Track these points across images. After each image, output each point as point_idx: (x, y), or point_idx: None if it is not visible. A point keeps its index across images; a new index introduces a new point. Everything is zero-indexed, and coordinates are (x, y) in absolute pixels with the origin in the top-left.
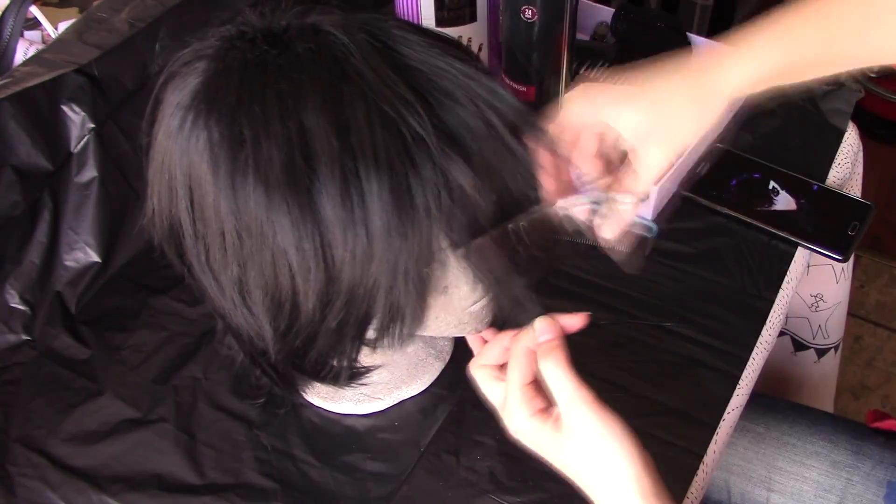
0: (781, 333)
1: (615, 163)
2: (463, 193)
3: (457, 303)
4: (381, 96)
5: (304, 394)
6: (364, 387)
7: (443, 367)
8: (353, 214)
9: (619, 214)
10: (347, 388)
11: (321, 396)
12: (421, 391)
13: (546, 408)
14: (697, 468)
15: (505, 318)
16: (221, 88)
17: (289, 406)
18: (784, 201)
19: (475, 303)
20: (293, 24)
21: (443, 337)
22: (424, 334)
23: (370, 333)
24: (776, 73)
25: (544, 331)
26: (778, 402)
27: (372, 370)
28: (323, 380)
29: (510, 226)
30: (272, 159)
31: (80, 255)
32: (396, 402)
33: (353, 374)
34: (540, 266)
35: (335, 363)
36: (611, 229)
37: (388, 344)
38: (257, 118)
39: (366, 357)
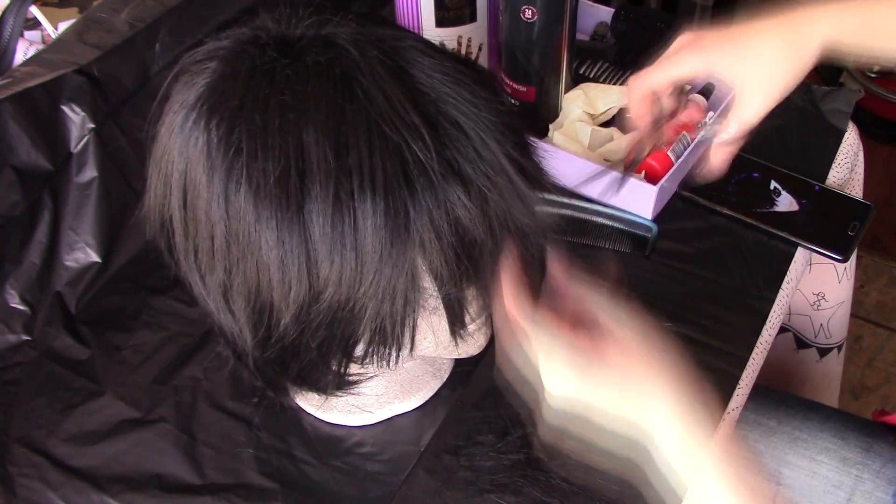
0: (784, 329)
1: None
2: (460, 224)
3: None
4: (386, 118)
5: (295, 398)
6: (354, 397)
7: (440, 385)
8: (344, 236)
9: (724, 142)
10: (336, 398)
11: (312, 404)
12: (414, 408)
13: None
14: None
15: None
16: (226, 92)
17: (279, 409)
18: (784, 201)
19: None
20: (307, 34)
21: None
22: (415, 355)
23: (357, 352)
24: (855, 33)
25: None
26: (790, 398)
27: (363, 381)
28: (308, 388)
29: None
30: (266, 171)
31: (80, 255)
32: (388, 416)
33: (340, 384)
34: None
35: (321, 376)
36: (719, 156)
37: (377, 364)
38: (256, 128)
39: (356, 367)
